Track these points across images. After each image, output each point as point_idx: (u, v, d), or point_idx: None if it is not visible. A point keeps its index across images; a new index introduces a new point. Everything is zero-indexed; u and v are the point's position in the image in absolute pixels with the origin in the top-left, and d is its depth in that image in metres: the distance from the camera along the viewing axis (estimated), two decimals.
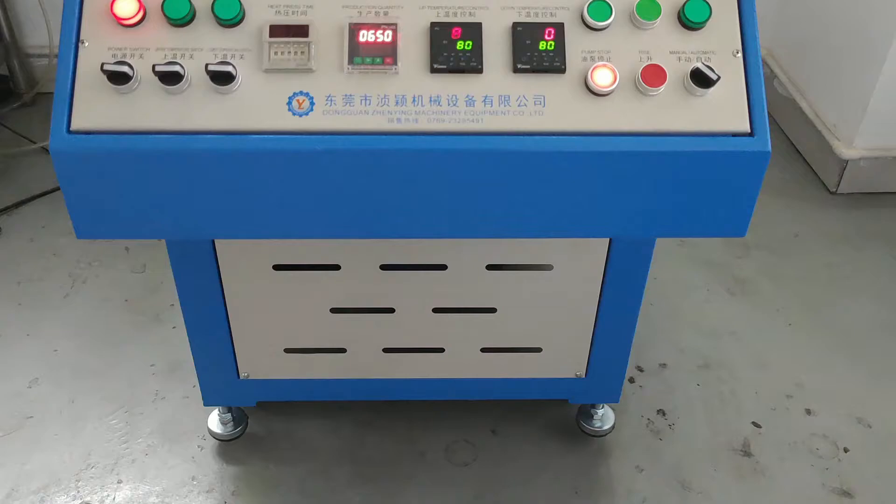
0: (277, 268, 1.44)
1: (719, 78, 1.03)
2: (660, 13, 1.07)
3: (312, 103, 1.04)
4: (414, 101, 1.05)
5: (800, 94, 2.81)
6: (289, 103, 1.04)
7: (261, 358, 1.57)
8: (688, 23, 1.07)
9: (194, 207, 1.08)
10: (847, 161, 2.53)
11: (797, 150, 2.81)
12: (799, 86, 2.83)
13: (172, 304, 2.11)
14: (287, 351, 1.57)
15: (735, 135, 1.06)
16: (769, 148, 1.05)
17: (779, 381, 1.94)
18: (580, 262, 1.43)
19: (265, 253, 1.40)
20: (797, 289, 2.23)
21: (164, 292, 2.15)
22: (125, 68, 1.01)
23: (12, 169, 2.66)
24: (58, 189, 2.51)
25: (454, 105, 1.05)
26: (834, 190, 2.60)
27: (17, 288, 2.19)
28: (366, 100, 1.04)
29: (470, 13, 1.07)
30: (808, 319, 2.13)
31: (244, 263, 1.41)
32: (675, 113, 1.05)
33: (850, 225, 2.49)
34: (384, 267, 1.45)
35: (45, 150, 2.72)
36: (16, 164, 2.68)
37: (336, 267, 1.44)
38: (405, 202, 1.09)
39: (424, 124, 1.04)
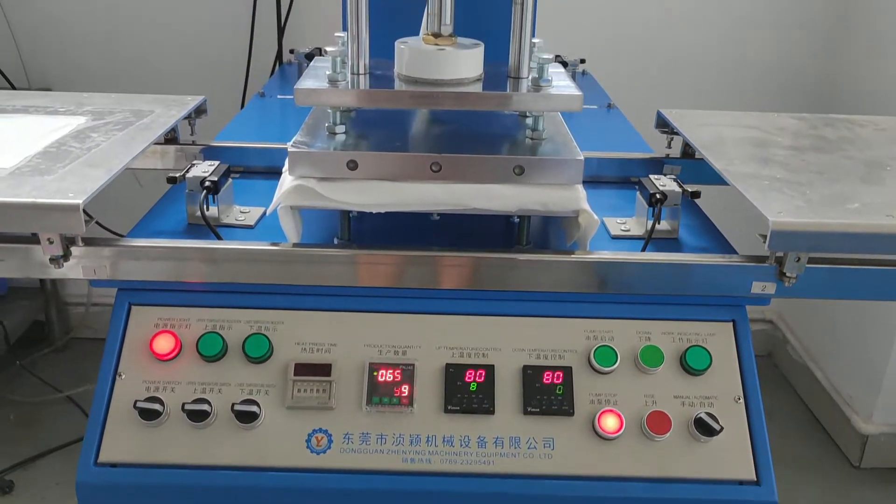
0: None
1: (722, 429, 1.07)
2: (663, 360, 1.13)
3: (330, 441, 1.08)
4: (428, 440, 1.09)
5: (813, 362, 2.84)
6: (308, 441, 1.09)
7: None
8: (689, 369, 1.12)
9: None
10: (867, 436, 2.51)
11: (816, 418, 2.80)
12: (812, 353, 2.88)
13: None
14: None
15: (741, 482, 1.08)
16: (776, 497, 1.07)
17: None
18: None
19: None
20: None
21: None
22: (156, 405, 1.07)
23: (35, 418, 2.71)
24: (77, 441, 2.53)
25: (466, 446, 1.08)
26: (857, 464, 2.56)
27: None
28: (381, 439, 1.09)
29: (483, 354, 1.14)
30: None
31: None
32: (680, 459, 1.08)
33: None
34: None
35: (70, 399, 2.78)
36: (39, 413, 2.73)
37: None
38: None
39: (437, 465, 1.07)
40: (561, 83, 1.21)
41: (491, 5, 1.38)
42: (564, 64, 2.29)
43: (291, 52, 2.36)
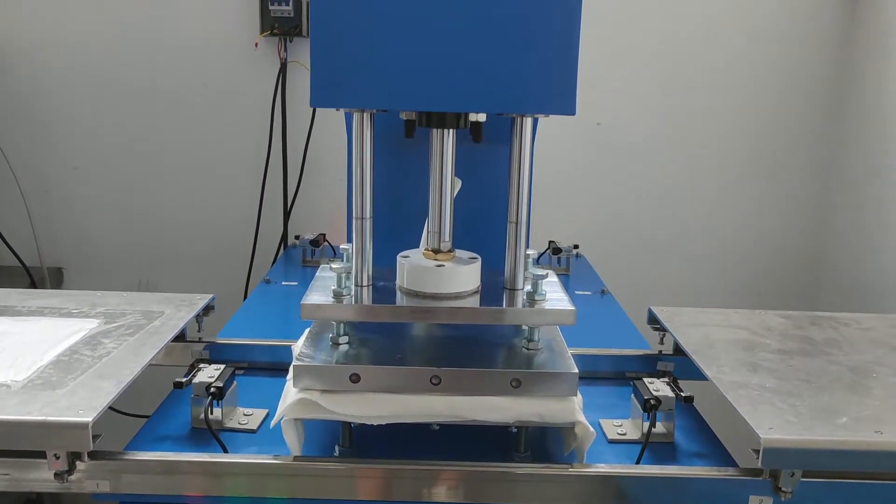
0: None
1: None
2: None
3: None
4: None
5: None
6: None
7: None
8: None
9: None
10: None
11: None
12: None
13: None
14: None
15: None
16: None
17: None
18: None
19: None
20: None
21: None
22: None
23: None
24: None
25: None
26: None
27: None
28: None
29: None
30: None
31: None
32: None
33: None
34: None
35: None
36: None
37: None
38: None
39: None
40: (555, 296, 1.27)
41: (488, 222, 1.46)
42: (559, 250, 2.38)
43: (297, 237, 2.47)
